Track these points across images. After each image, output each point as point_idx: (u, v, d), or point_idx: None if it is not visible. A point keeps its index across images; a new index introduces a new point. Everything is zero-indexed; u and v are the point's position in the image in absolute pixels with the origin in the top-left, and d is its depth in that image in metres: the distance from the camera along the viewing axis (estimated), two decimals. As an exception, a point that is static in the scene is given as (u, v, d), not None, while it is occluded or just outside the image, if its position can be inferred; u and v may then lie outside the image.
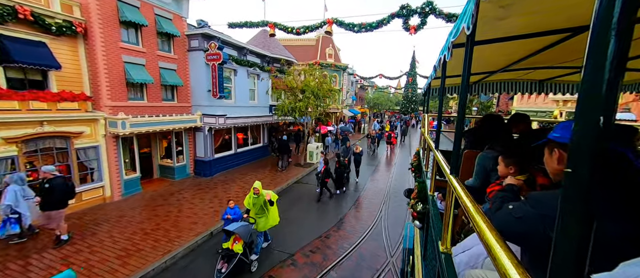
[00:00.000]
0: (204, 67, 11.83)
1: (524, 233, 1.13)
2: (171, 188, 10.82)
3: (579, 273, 0.53)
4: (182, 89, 11.72)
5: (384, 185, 12.78)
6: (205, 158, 12.48)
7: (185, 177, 12.21)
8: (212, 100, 12.11)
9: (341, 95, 31.04)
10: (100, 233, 7.18)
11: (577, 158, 0.52)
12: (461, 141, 1.94)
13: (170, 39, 11.09)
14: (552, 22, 1.88)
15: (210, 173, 12.61)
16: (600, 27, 0.47)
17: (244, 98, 14.50)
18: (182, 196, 9.97)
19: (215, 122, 11.81)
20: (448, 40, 1.79)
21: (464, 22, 1.36)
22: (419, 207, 3.29)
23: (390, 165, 17.25)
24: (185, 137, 12.17)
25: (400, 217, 9.13)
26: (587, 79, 0.49)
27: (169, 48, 11.12)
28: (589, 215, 0.52)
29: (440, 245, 1.89)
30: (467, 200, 1.22)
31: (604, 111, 0.47)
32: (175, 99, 11.56)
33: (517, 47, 2.44)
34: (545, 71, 3.90)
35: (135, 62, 9.64)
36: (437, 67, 2.62)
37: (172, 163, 11.85)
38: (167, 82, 10.60)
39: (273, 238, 7.32)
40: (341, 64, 29.82)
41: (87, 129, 8.55)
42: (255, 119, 14.76)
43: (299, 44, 30.77)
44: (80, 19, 8.27)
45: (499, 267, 0.77)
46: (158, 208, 8.81)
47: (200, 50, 11.68)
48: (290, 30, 10.96)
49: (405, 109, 48.78)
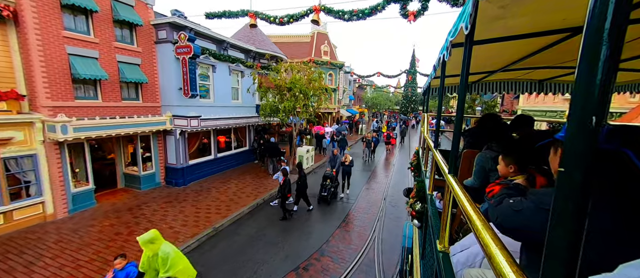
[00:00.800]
0: (174, 62, 10.37)
1: (521, 227, 1.18)
2: (132, 201, 9.35)
3: (570, 269, 0.54)
4: (149, 86, 10.25)
5: (379, 195, 11.29)
6: (177, 166, 11.01)
7: (154, 187, 10.74)
8: (184, 99, 10.65)
9: (337, 94, 29.59)
10: (18, 266, 5.72)
11: (570, 157, 0.53)
12: (459, 141, 1.91)
13: (133, 29, 9.62)
14: (551, 23, 1.87)
15: (184, 182, 11.15)
16: (594, 27, 0.47)
17: (224, 97, 13.02)
18: (142, 212, 8.50)
19: (186, 125, 10.34)
20: (447, 40, 1.78)
21: (463, 22, 1.35)
22: (418, 206, 3.28)
23: (388, 169, 15.75)
24: (154, 141, 10.70)
25: (396, 238, 7.66)
26: (580, 78, 0.50)
27: (131, 39, 9.65)
28: (580, 214, 0.52)
29: (438, 244, 1.90)
30: (465, 199, 1.26)
31: (597, 111, 0.48)
32: (140, 99, 10.09)
33: (516, 47, 2.44)
34: (545, 71, 3.85)
35: (83, 54, 8.17)
36: (437, 66, 2.62)
37: (138, 171, 10.37)
38: (128, 78, 9.13)
39: (235, 267, 5.86)
40: (337, 62, 28.35)
41: (19, 134, 7.08)
42: (239, 120, 13.29)
43: (293, 40, 29.36)
44: (8, 0, 6.80)
45: (495, 265, 0.79)
46: (106, 230, 7.34)
47: (170, 43, 10.21)
48: (273, 20, 9.53)
49: (405, 108, 47.25)
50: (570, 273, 0.54)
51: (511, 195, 1.36)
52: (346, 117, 33.54)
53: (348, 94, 37.49)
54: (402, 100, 50.06)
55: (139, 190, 10.32)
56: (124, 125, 8.92)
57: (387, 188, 12.25)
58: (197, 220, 8.09)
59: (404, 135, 27.99)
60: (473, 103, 23.08)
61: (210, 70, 12.19)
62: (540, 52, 2.51)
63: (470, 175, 2.52)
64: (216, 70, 12.36)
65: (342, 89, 31.93)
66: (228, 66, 13.04)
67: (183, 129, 10.53)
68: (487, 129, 2.98)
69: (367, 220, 8.86)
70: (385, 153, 21.10)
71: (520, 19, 1.77)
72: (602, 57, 0.46)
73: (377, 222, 8.76)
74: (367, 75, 32.47)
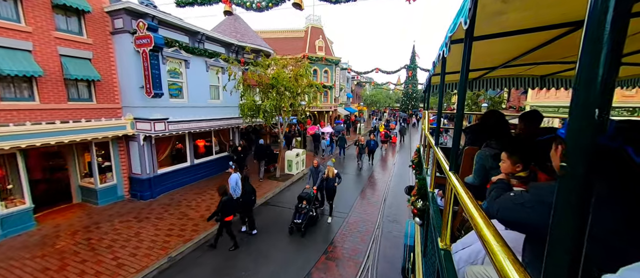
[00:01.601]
0: (135, 56, 8.88)
1: (523, 219, 1.20)
2: (83, 220, 7.90)
3: (574, 265, 0.54)
4: (104, 85, 8.76)
5: (375, 208, 9.80)
6: (143, 176, 9.55)
7: (115, 201, 9.28)
8: (150, 100, 9.16)
9: (334, 92, 28.03)
10: None
11: (573, 151, 0.52)
12: (460, 138, 1.94)
13: (81, 17, 8.12)
14: (553, 17, 1.86)
15: (151, 194, 9.69)
16: (595, 20, 0.47)
17: (201, 96, 11.54)
18: (89, 235, 7.03)
19: (150, 129, 8.87)
20: (446, 36, 1.79)
21: (462, 17, 1.35)
22: (419, 204, 3.26)
23: (385, 171, 14.21)
24: (114, 148, 9.24)
25: (395, 266, 6.20)
26: (581, 70, 0.49)
27: (78, 29, 8.15)
28: (584, 208, 0.52)
29: (440, 241, 1.91)
30: (466, 196, 1.27)
31: (599, 103, 0.47)
32: (94, 99, 8.61)
33: (517, 42, 2.41)
34: (547, 67, 3.78)
35: (10, 46, 6.68)
36: (436, 63, 2.63)
37: (94, 184, 8.91)
38: (73, 75, 7.64)
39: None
40: (333, 58, 26.81)
41: None
42: (220, 122, 11.77)
43: (286, 36, 27.88)
44: None
45: (497, 262, 0.79)
46: (30, 265, 5.88)
47: (128, 33, 8.71)
48: (250, 5, 8.03)
49: (406, 106, 45.61)
50: (574, 269, 0.54)
51: (503, 190, 1.51)
52: (343, 116, 31.99)
53: (346, 91, 35.92)
54: (403, 97, 48.50)
55: (96, 205, 8.87)
56: (67, 132, 7.45)
57: (386, 193, 10.77)
58: (152, 246, 6.64)
59: (404, 133, 26.56)
60: (478, 99, 21.50)
61: (183, 66, 10.70)
62: (542, 47, 2.48)
63: (472, 173, 2.51)
64: (190, 66, 10.87)
65: (339, 87, 30.37)
66: (205, 61, 11.54)
67: (147, 133, 9.05)
68: (488, 125, 2.88)
69: (360, 241, 7.39)
70: (383, 152, 19.64)
71: (521, 14, 1.74)
72: (605, 46, 0.45)
73: (372, 243, 7.28)
74: (365, 71, 30.76)
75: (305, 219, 7.35)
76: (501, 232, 0.93)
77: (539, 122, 2.61)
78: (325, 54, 25.85)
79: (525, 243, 1.31)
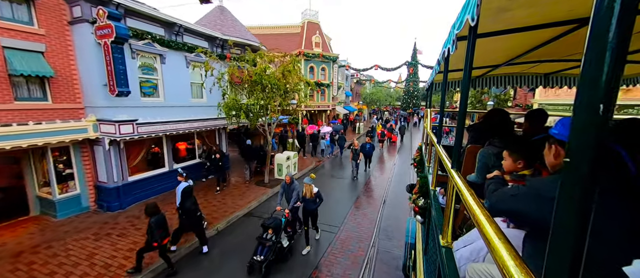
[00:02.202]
0: (97, 49, 7.81)
1: (517, 209, 1.28)
2: (34, 238, 6.86)
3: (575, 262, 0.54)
4: (61, 82, 7.70)
5: (370, 223, 8.71)
6: (110, 184, 8.50)
7: (77, 213, 8.25)
8: (115, 99, 8.09)
9: (331, 90, 26.87)
10: None
11: (577, 147, 0.53)
12: (462, 136, 1.90)
13: (30, 3, 7.05)
14: (558, 14, 1.84)
15: (121, 204, 8.66)
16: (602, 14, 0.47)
17: (180, 95, 10.47)
18: (30, 259, 5.98)
19: (115, 131, 7.81)
20: (452, 33, 1.73)
21: (468, 14, 1.32)
22: (421, 201, 3.26)
23: (383, 173, 13.09)
24: (76, 154, 8.20)
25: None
26: (587, 67, 0.49)
27: (27, 17, 7.08)
28: (587, 205, 0.52)
29: (441, 239, 1.91)
30: (468, 194, 1.27)
31: (604, 99, 0.47)
32: (49, 98, 7.55)
33: (522, 39, 2.41)
34: (551, 64, 3.74)
35: None
36: (441, 61, 2.65)
37: (52, 194, 7.87)
38: (19, 70, 6.58)
39: None
40: (330, 54, 25.60)
41: None
42: (201, 123, 10.73)
43: (281, 32, 26.77)
44: None
45: (498, 259, 0.81)
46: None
47: (88, 23, 7.64)
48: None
49: (407, 104, 44.41)
50: (575, 266, 0.54)
51: (497, 184, 1.58)
52: (342, 115, 30.79)
53: (344, 89, 34.68)
54: (404, 95, 47.31)
55: (55, 218, 7.84)
56: (10, 136, 6.40)
57: (384, 197, 9.68)
58: (102, 274, 5.59)
59: (403, 132, 25.33)
60: (482, 97, 20.33)
61: (158, 61, 9.62)
62: (546, 44, 2.47)
63: (474, 171, 2.52)
64: (166, 61, 9.79)
65: (337, 84, 29.09)
66: (184, 56, 10.47)
67: (111, 137, 8.00)
68: (492, 124, 2.79)
69: (350, 266, 6.30)
70: (380, 152, 18.54)
71: (527, 11, 1.73)
72: (610, 43, 0.46)
73: (365, 269, 6.20)
74: (364, 68, 29.52)
75: (269, 255, 5.65)
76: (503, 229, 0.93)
77: (544, 120, 2.54)
78: (322, 51, 24.68)
79: (525, 239, 1.35)
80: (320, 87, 24.72)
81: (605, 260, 0.84)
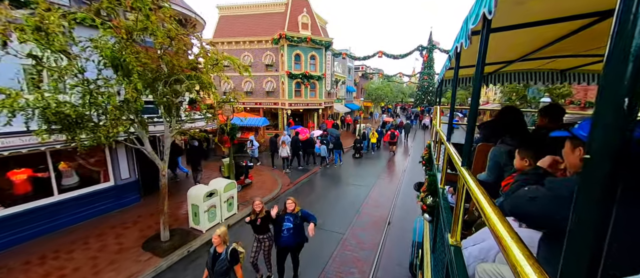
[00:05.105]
0: None
1: (536, 213, 1.23)
2: None
3: (593, 263, 0.53)
4: None
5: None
6: None
7: None
8: None
9: (324, 84, 21.10)
10: None
11: (598, 144, 0.51)
12: (473, 133, 1.90)
13: None
14: (579, 5, 1.75)
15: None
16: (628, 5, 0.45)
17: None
18: None
19: None
20: (466, 28, 1.68)
21: (485, 7, 1.25)
22: (429, 200, 3.24)
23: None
24: None
25: None
26: (611, 59, 0.48)
27: None
28: (608, 204, 0.51)
29: (450, 238, 1.90)
30: (479, 192, 1.25)
31: (629, 92, 0.46)
32: None
33: (538, 34, 2.33)
34: (568, 60, 3.64)
35: None
36: (451, 56, 2.60)
37: None
38: None
39: None
40: (322, 39, 19.63)
41: None
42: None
43: (261, 12, 21.14)
44: None
45: (510, 259, 0.78)
46: None
47: None
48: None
49: (420, 101, 41.34)
50: (593, 267, 0.53)
51: (527, 182, 1.42)
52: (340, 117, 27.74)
53: (346, 84, 30.38)
54: (417, 91, 42.60)
55: None
56: None
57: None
58: None
59: (408, 131, 22.38)
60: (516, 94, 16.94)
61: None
62: (564, 39, 2.39)
63: (484, 170, 2.49)
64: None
65: (332, 78, 23.39)
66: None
67: None
68: (504, 122, 2.75)
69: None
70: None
71: (543, 3, 1.68)
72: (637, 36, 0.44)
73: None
74: (365, 56, 23.86)
75: None
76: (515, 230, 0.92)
77: (561, 116, 2.47)
78: (311, 33, 18.88)
79: (540, 242, 1.31)
80: (309, 80, 19.83)
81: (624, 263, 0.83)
